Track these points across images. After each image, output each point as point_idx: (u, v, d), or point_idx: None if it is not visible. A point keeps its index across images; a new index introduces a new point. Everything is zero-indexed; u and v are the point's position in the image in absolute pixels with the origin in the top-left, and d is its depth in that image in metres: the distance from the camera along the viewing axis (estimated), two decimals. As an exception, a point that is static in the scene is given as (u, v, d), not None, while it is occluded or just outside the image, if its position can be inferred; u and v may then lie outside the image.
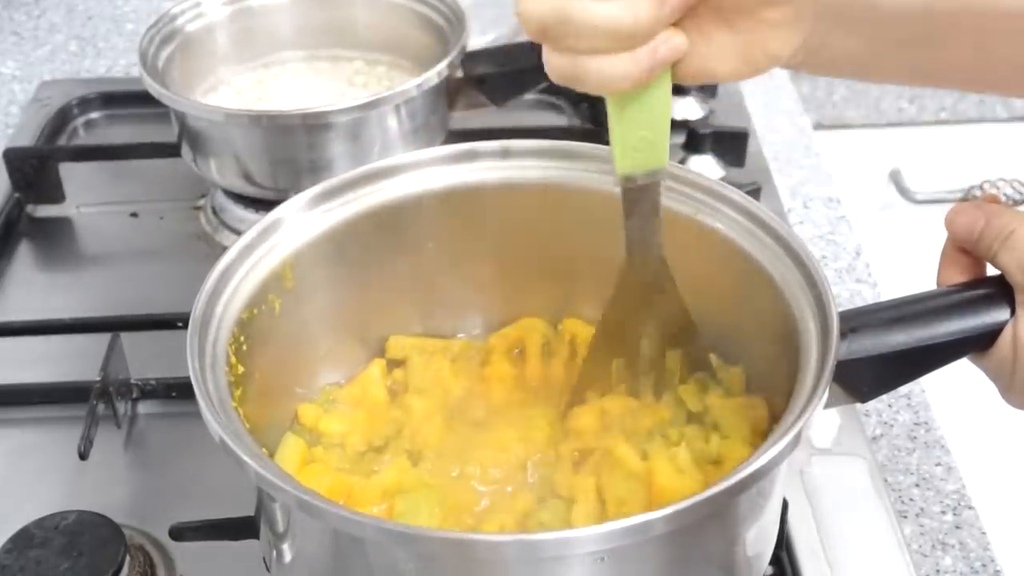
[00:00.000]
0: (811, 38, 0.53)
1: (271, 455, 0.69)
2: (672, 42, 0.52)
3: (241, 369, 0.65)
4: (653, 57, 0.51)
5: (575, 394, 0.71)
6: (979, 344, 0.61)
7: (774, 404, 0.67)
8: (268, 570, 0.66)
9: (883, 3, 0.51)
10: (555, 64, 0.52)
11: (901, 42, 0.54)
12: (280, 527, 0.61)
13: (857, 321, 0.62)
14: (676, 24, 0.52)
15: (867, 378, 0.62)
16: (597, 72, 0.51)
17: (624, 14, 0.49)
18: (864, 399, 0.63)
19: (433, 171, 0.74)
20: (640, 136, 0.56)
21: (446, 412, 0.74)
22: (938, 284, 0.65)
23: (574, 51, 0.51)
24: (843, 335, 0.60)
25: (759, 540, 0.63)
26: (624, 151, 0.57)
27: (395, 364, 0.78)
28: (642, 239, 0.63)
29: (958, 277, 0.65)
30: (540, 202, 0.75)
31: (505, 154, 0.74)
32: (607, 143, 0.60)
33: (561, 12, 0.49)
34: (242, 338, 0.66)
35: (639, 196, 0.61)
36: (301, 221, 0.71)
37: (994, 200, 0.64)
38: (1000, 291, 0.62)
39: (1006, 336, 0.61)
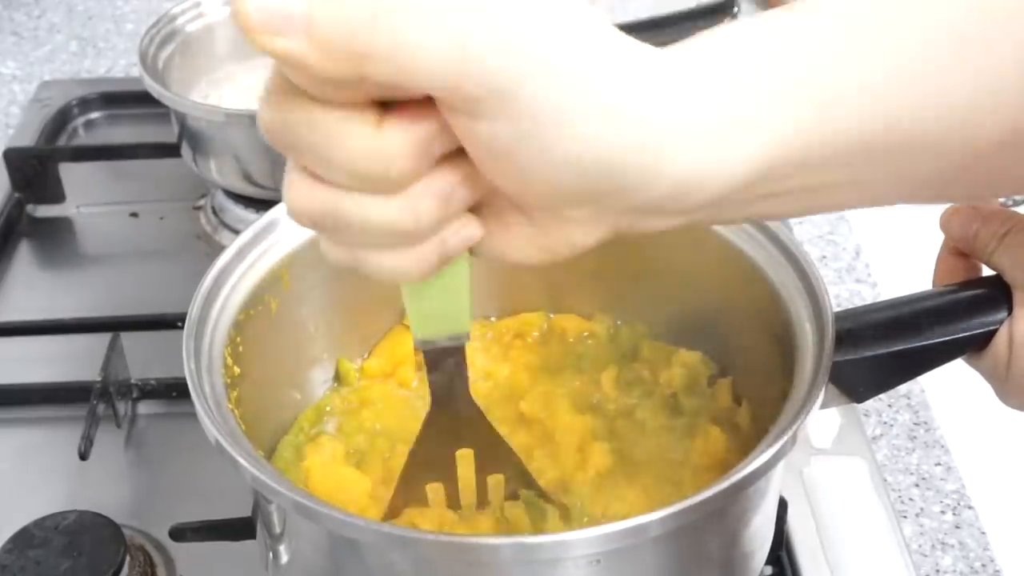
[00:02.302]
0: (620, 226, 0.47)
1: (268, 457, 0.69)
2: (463, 232, 0.45)
3: (237, 370, 0.65)
4: (442, 248, 0.44)
5: (390, 509, 0.65)
6: (975, 344, 0.61)
7: (769, 406, 0.67)
8: (266, 569, 0.66)
9: (690, 194, 0.44)
10: (332, 255, 0.46)
11: (722, 212, 0.47)
12: (276, 529, 0.61)
13: (853, 322, 0.62)
14: (472, 208, 0.45)
15: (863, 379, 0.62)
16: (381, 266, 0.45)
17: (404, 216, 0.42)
18: (860, 400, 0.63)
19: (430, 170, 0.74)
20: (437, 306, 0.51)
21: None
22: (934, 286, 0.66)
23: (353, 245, 0.45)
24: (839, 336, 0.60)
25: (755, 540, 0.63)
26: (420, 321, 0.52)
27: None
28: (449, 391, 0.58)
29: (954, 279, 0.65)
30: None
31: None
32: None
33: (333, 211, 0.42)
34: (238, 339, 0.66)
35: (441, 356, 0.55)
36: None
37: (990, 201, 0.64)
38: (996, 291, 0.62)
39: (1001, 336, 0.61)
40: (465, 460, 0.63)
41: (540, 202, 0.44)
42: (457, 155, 0.42)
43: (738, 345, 0.72)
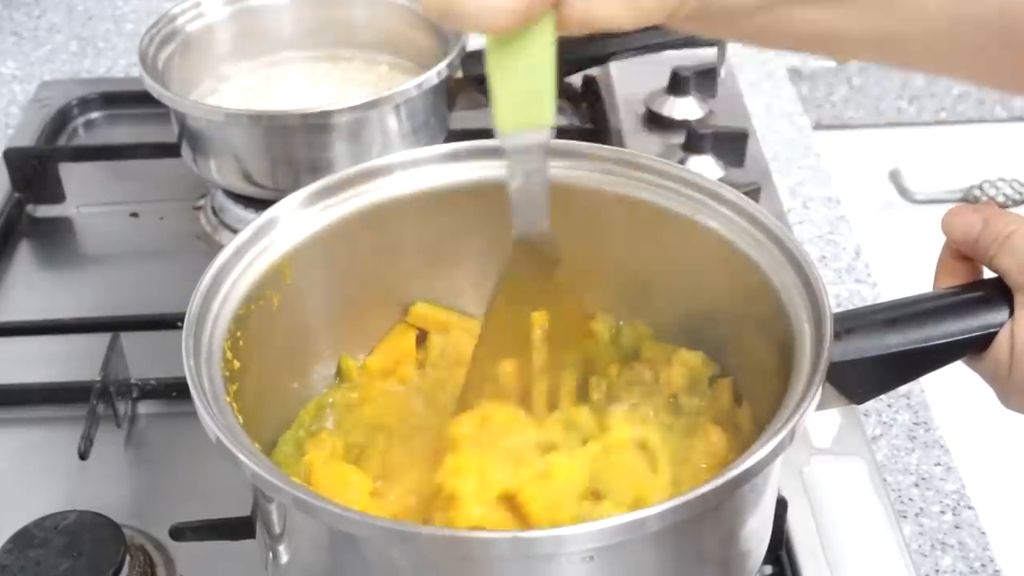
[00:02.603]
0: None
1: (268, 452, 0.69)
2: None
3: (237, 364, 0.65)
4: None
5: (465, 399, 0.66)
6: (975, 346, 0.61)
7: (769, 406, 0.67)
8: (265, 569, 0.66)
9: None
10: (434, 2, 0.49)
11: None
12: (276, 528, 0.61)
13: (852, 322, 0.62)
14: None
15: (862, 380, 0.62)
16: (473, 6, 0.47)
17: None
18: (859, 401, 0.63)
19: (428, 169, 0.74)
20: (522, 88, 0.52)
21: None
22: (935, 288, 0.65)
23: None
24: (838, 336, 0.60)
25: (752, 538, 0.63)
26: (505, 105, 0.53)
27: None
28: (528, 214, 0.57)
29: (955, 281, 0.65)
30: None
31: (501, 152, 0.74)
32: (605, 143, 0.59)
33: None
34: (238, 334, 0.66)
35: (524, 159, 0.55)
36: (297, 219, 0.71)
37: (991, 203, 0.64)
38: (997, 293, 0.62)
39: (1002, 338, 0.60)
40: (538, 331, 0.61)
41: None
42: None
43: (738, 345, 0.72)
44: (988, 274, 0.64)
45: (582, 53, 1.07)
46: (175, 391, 0.87)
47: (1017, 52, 0.55)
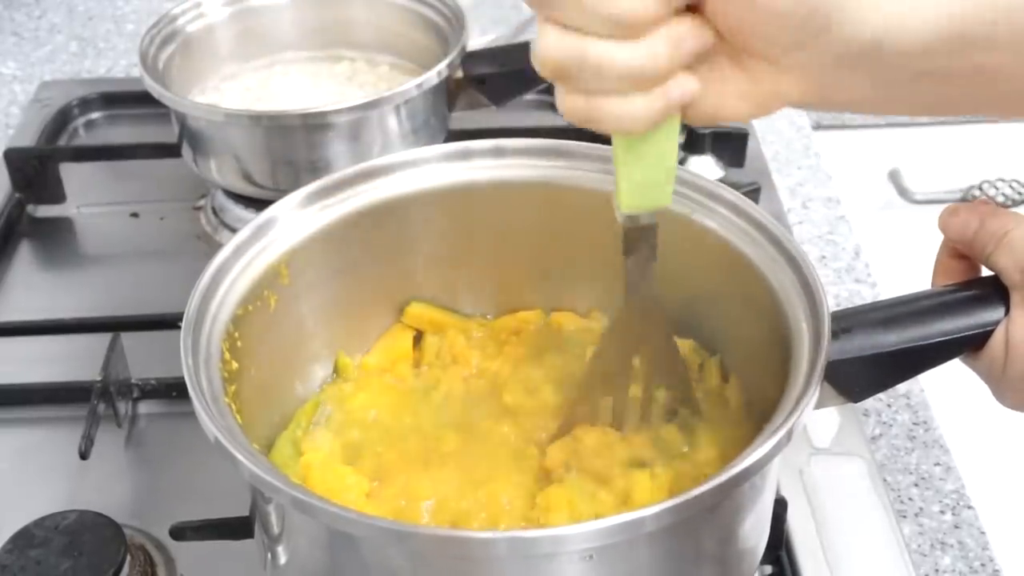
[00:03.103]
0: (823, 79, 0.54)
1: (266, 453, 0.69)
2: (685, 85, 0.52)
3: (236, 365, 0.65)
4: (666, 98, 0.51)
5: (563, 428, 0.70)
6: (972, 344, 0.61)
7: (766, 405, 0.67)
8: (264, 569, 0.66)
9: (886, 44, 0.51)
10: (571, 105, 0.52)
11: (908, 79, 0.54)
12: (274, 529, 0.61)
13: (850, 321, 0.62)
14: (688, 66, 0.52)
15: (859, 378, 0.62)
16: (611, 113, 0.51)
17: (642, 57, 0.49)
18: (857, 399, 0.63)
19: (427, 169, 0.75)
20: (646, 176, 0.56)
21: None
22: (933, 286, 0.66)
23: (589, 92, 0.51)
24: (835, 335, 0.61)
25: (751, 537, 0.63)
26: (629, 189, 0.57)
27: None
28: (639, 279, 0.63)
29: (953, 279, 0.65)
30: (533, 200, 0.75)
31: (498, 153, 0.75)
32: (603, 142, 0.60)
33: (579, 54, 0.50)
34: (236, 334, 0.66)
35: (640, 235, 0.61)
36: (296, 219, 0.71)
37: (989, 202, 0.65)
38: (993, 291, 0.62)
39: (998, 336, 0.61)
40: (638, 371, 0.68)
41: (761, 40, 0.51)
42: (688, 11, 0.50)
43: (737, 344, 0.72)
44: (986, 272, 0.64)
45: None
46: (175, 391, 0.87)
47: None
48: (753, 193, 1.04)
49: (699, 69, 0.53)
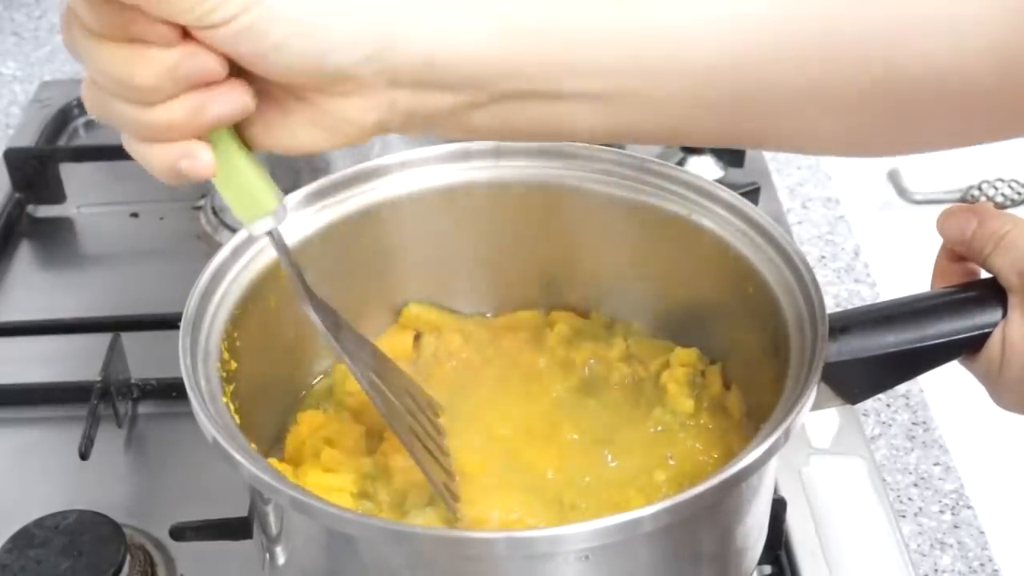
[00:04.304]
0: (398, 104, 0.52)
1: (265, 453, 0.69)
2: (196, 149, 0.52)
3: (234, 365, 0.65)
4: (181, 154, 0.52)
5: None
6: (970, 346, 0.61)
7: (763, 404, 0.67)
8: (262, 570, 0.66)
9: (438, 60, 0.51)
10: (123, 139, 0.54)
11: (488, 100, 0.53)
12: (273, 530, 0.61)
13: (847, 322, 0.62)
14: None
15: (857, 379, 0.62)
16: (143, 157, 0.53)
17: (158, 121, 0.51)
18: (854, 401, 0.63)
19: (426, 170, 0.75)
20: (239, 192, 0.57)
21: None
22: (932, 288, 0.66)
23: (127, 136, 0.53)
24: (833, 336, 0.61)
25: (749, 537, 0.63)
26: (235, 206, 0.58)
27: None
28: (303, 290, 0.63)
29: (951, 281, 0.65)
30: (532, 200, 0.75)
31: (497, 154, 0.75)
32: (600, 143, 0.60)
33: (107, 111, 0.52)
34: (235, 334, 0.66)
35: (275, 245, 0.61)
36: (295, 219, 0.71)
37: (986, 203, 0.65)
38: (991, 293, 0.62)
39: (995, 338, 0.61)
40: None
41: (301, 80, 0.51)
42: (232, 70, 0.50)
43: (736, 350, 0.72)
44: (985, 274, 0.64)
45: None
46: (175, 391, 0.87)
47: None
48: (752, 193, 1.04)
49: (261, 102, 0.53)
